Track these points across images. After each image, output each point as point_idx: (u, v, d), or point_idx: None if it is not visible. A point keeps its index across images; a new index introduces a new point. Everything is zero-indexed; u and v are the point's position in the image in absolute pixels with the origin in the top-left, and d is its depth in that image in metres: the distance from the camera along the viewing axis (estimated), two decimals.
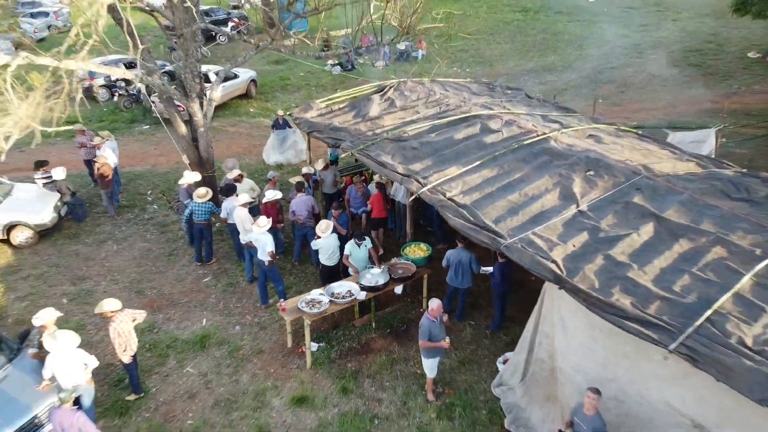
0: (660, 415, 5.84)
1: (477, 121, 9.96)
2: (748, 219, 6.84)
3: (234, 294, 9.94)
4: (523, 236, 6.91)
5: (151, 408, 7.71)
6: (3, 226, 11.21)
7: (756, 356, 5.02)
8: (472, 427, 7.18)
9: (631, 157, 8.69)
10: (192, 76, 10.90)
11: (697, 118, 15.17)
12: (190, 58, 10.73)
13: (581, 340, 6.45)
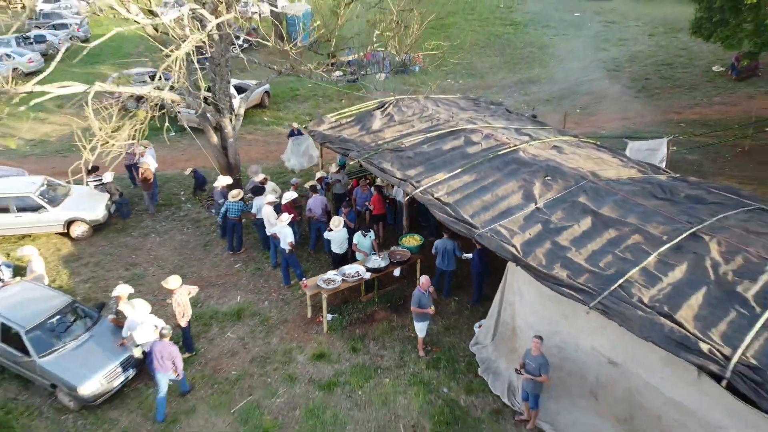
0: (588, 356, 7.95)
1: (461, 134, 12.06)
2: (663, 214, 8.95)
3: (261, 277, 12.05)
4: (492, 227, 9.01)
5: (202, 363, 9.82)
6: (64, 221, 13.33)
7: (647, 309, 7.12)
8: (454, 375, 9.29)
9: (584, 165, 10.79)
10: (224, 95, 12.99)
11: (661, 128, 17.26)
12: (224, 81, 12.82)
13: (533, 305, 8.56)
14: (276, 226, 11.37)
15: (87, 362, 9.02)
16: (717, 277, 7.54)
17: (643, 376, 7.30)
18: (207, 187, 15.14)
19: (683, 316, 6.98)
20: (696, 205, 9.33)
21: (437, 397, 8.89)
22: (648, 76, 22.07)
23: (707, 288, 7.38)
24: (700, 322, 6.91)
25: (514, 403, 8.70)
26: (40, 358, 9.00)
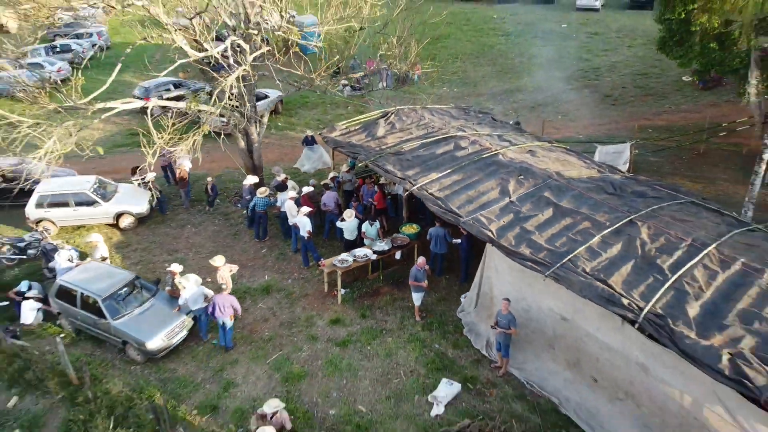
0: (546, 315, 10.24)
1: (452, 140, 14.36)
2: (609, 206, 11.24)
3: (284, 260, 14.34)
4: (474, 216, 11.30)
5: (241, 327, 12.10)
6: (114, 214, 15.63)
7: (588, 276, 9.40)
8: (443, 335, 11.59)
9: (552, 166, 13.09)
10: (252, 107, 15.28)
11: (631, 133, 19.50)
12: (252, 95, 15.11)
13: (505, 277, 10.85)
14: (296, 217, 13.68)
15: (151, 323, 11.33)
16: (643, 252, 9.83)
17: (586, 327, 9.60)
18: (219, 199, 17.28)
19: (614, 281, 9.26)
20: (638, 198, 11.62)
21: (430, 351, 11.19)
22: (624, 85, 24.37)
23: (635, 261, 9.66)
24: (626, 285, 9.19)
25: (491, 355, 11.00)
26: (114, 320, 11.31)
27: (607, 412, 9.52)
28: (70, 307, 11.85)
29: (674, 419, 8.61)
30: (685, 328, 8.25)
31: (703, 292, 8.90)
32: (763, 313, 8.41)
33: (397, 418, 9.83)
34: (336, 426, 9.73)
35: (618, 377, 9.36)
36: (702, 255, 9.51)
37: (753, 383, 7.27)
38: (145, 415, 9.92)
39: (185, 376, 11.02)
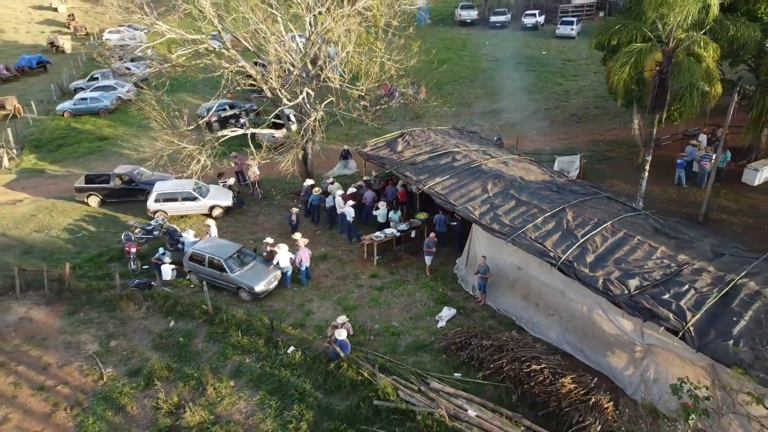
0: (509, 267, 16.44)
1: (450, 155, 20.56)
2: (551, 199, 17.44)
3: (333, 238, 20.55)
4: (464, 206, 17.49)
5: (312, 280, 18.30)
6: (208, 207, 21.82)
7: (532, 240, 15.59)
8: (445, 283, 17.79)
9: (518, 173, 19.29)
10: (309, 126, 21.45)
11: (587, 146, 25.68)
12: (308, 118, 21.25)
13: (484, 243, 17.06)
14: (344, 208, 19.89)
15: (255, 275, 17.54)
16: (567, 227, 16.01)
17: (531, 272, 15.79)
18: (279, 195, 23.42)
19: (547, 243, 15.42)
20: (571, 195, 17.82)
21: (436, 292, 17.41)
22: (587, 106, 30.57)
23: (561, 232, 15.84)
24: (554, 245, 15.34)
25: (474, 294, 17.21)
26: (232, 273, 17.51)
27: (544, 323, 15.71)
28: (199, 267, 18.07)
29: (579, 322, 14.79)
30: (583, 267, 14.44)
31: (598, 248, 15.10)
32: (628, 259, 14.59)
33: (417, 329, 16.06)
34: (379, 332, 15.97)
35: (550, 301, 15.55)
36: (601, 228, 15.71)
37: (612, 293, 13.47)
38: (260, 328, 16.15)
39: (279, 309, 17.24)
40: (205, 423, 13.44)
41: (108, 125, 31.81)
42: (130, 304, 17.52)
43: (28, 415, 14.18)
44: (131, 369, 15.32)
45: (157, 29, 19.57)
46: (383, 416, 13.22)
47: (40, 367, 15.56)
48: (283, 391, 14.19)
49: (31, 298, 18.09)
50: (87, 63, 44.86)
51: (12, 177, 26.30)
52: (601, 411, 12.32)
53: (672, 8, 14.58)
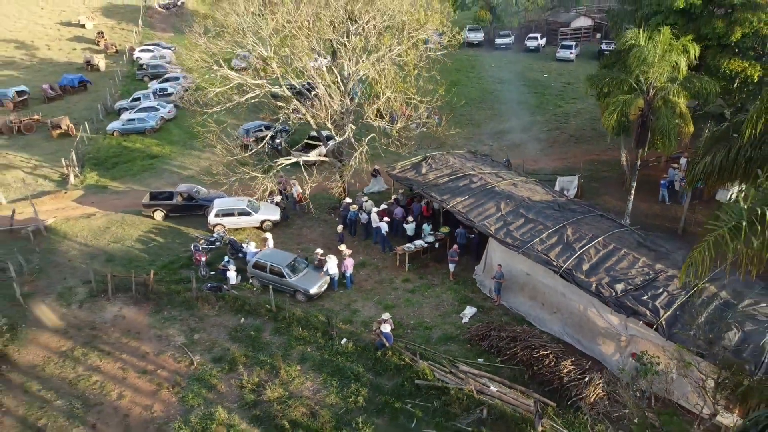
0: (519, 273, 20.11)
1: (468, 177, 24.22)
2: (554, 217, 21.12)
3: (369, 248, 24.19)
4: (482, 222, 21.17)
5: (353, 284, 21.96)
6: (260, 221, 25.48)
7: (539, 252, 19.25)
8: (466, 287, 21.46)
9: (525, 193, 22.96)
10: (347, 147, 25.08)
11: (584, 165, 29.32)
12: (346, 139, 24.86)
13: (498, 253, 20.73)
14: (379, 222, 23.55)
15: (309, 280, 21.19)
16: (567, 241, 19.67)
17: (538, 278, 19.45)
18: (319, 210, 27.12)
19: (551, 254, 19.08)
20: (570, 213, 21.49)
21: (459, 294, 21.07)
22: (584, 128, 34.25)
23: (562, 245, 19.50)
24: (557, 256, 19.00)
25: (491, 295, 20.87)
26: (290, 279, 21.17)
27: (548, 318, 19.36)
28: (261, 273, 21.70)
29: (576, 318, 18.43)
30: (580, 274, 18.09)
31: (592, 259, 18.75)
32: (616, 268, 18.24)
33: (445, 324, 19.72)
34: (415, 327, 19.63)
35: (553, 301, 19.19)
36: (594, 242, 19.38)
37: (603, 295, 17.14)
38: (317, 323, 19.80)
39: (330, 308, 20.89)
40: (282, 398, 17.09)
41: (155, 144, 35.40)
42: (205, 305, 21.17)
43: (138, 392, 17.82)
44: (215, 356, 18.96)
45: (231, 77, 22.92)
46: (423, 392, 16.89)
47: (140, 355, 19.21)
48: (341, 374, 17.83)
49: (121, 300, 21.73)
50: (123, 81, 48.38)
51: (80, 193, 29.90)
52: (594, 387, 15.99)
53: (651, 66, 18.28)
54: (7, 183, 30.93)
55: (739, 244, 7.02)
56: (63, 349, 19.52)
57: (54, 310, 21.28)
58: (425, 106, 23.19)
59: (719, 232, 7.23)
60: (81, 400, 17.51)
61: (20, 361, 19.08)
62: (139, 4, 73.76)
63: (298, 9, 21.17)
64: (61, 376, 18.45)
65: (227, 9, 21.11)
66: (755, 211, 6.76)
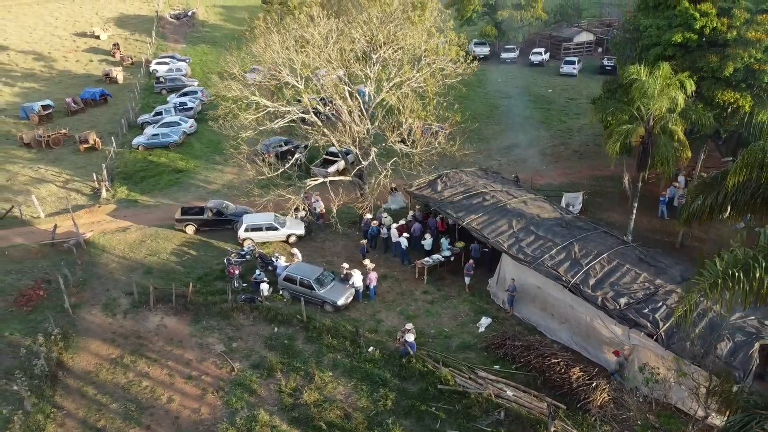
0: (530, 286, 21.93)
1: (481, 195, 26.04)
2: (562, 234, 22.95)
3: (389, 261, 25.99)
4: (495, 239, 23.00)
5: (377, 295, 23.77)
6: (286, 235, 27.29)
7: (548, 267, 21.06)
8: (481, 298, 23.28)
9: (535, 211, 24.78)
10: (368, 168, 26.86)
11: (587, 180, 31.16)
12: (367, 161, 26.65)
13: (511, 268, 22.56)
14: (398, 238, 25.37)
15: (337, 292, 23.00)
16: (574, 257, 21.49)
17: (548, 290, 21.27)
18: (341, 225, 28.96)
19: (560, 270, 20.90)
20: (576, 230, 23.31)
21: (474, 305, 22.89)
22: (588, 143, 36.08)
23: (570, 261, 21.31)
24: (565, 271, 20.82)
25: (505, 307, 22.69)
26: (319, 291, 22.97)
27: (558, 328, 21.17)
28: (291, 285, 23.51)
29: (584, 328, 20.23)
30: (587, 288, 19.91)
31: (597, 274, 20.56)
32: (620, 282, 20.06)
33: (463, 333, 21.54)
34: (435, 336, 21.45)
35: (562, 312, 21.01)
36: (600, 258, 21.19)
37: (608, 308, 18.96)
38: (345, 333, 21.59)
39: (356, 318, 22.70)
40: (318, 401, 18.90)
41: (180, 158, 37.19)
42: (241, 315, 22.99)
43: (186, 396, 19.63)
44: (253, 363, 20.77)
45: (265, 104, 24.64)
46: (445, 396, 18.71)
47: (184, 362, 21.03)
48: (370, 379, 19.64)
49: (162, 310, 23.54)
50: (142, 94, 50.15)
51: (113, 207, 31.70)
52: (600, 391, 17.81)
53: (651, 99, 20.12)
54: (43, 197, 32.68)
55: (717, 295, 8.81)
56: (113, 357, 21.33)
57: (101, 320, 23.10)
58: (443, 132, 24.96)
59: (701, 286, 9.02)
60: (134, 403, 19.33)
61: (75, 368, 20.89)
62: (150, 14, 75.58)
63: (326, 44, 22.91)
64: (114, 381, 20.27)
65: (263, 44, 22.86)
66: (728, 272, 8.56)
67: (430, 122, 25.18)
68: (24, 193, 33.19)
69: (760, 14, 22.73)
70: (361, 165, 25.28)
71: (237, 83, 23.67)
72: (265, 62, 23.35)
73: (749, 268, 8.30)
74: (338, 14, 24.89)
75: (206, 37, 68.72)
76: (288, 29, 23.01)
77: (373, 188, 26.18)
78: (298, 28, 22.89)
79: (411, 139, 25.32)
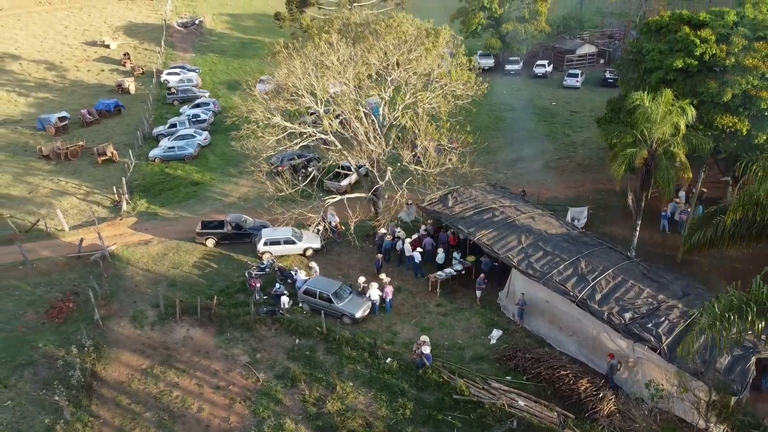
0: (539, 300, 23.11)
1: (490, 211, 27.22)
2: (569, 249, 24.12)
3: (402, 274, 27.14)
4: (505, 254, 24.17)
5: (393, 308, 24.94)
6: (303, 248, 28.45)
7: (557, 282, 22.23)
8: (492, 311, 24.46)
9: (542, 227, 25.96)
10: (378, 176, 28.00)
11: (591, 194, 32.35)
12: (383, 181, 27.83)
13: (521, 282, 23.73)
14: (412, 252, 26.54)
15: (354, 305, 24.17)
16: (581, 273, 22.66)
17: (556, 304, 22.44)
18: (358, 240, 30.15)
19: (568, 285, 22.06)
20: (582, 245, 24.48)
21: (485, 317, 24.06)
22: (591, 157, 37.26)
23: (577, 276, 22.48)
24: (572, 286, 21.98)
25: (515, 319, 23.86)
26: (338, 304, 24.13)
27: (566, 340, 22.34)
28: (311, 299, 24.68)
29: (591, 341, 21.39)
30: (594, 303, 21.08)
31: (603, 289, 21.72)
32: (624, 298, 21.21)
33: (475, 344, 22.71)
34: (449, 348, 22.61)
35: (570, 325, 22.17)
36: (605, 273, 22.36)
37: (613, 322, 20.13)
38: (363, 344, 22.75)
39: (373, 330, 23.85)
40: (340, 410, 20.06)
41: (195, 171, 38.34)
42: (263, 327, 24.15)
43: (215, 406, 20.79)
44: (277, 374, 21.93)
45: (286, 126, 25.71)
46: (461, 405, 19.88)
47: (212, 373, 22.18)
48: (389, 389, 20.81)
49: (187, 322, 24.69)
50: (155, 105, 51.22)
51: (134, 220, 32.84)
52: (607, 402, 18.98)
53: (654, 123, 21.32)
54: (64, 209, 33.77)
55: (715, 333, 10.00)
56: (143, 367, 22.49)
57: (130, 332, 24.25)
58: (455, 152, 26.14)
59: (701, 326, 10.22)
60: (167, 412, 20.49)
61: (108, 378, 22.05)
62: (157, 22, 76.65)
63: (345, 70, 24.06)
64: (146, 391, 21.43)
65: (286, 71, 24.01)
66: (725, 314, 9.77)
67: (443, 144, 26.33)
68: (46, 206, 34.33)
69: (756, 41, 23.92)
70: (378, 185, 26.41)
71: (260, 106, 24.75)
72: (287, 88, 24.50)
73: (743, 312, 9.47)
74: (356, 41, 25.96)
75: (214, 46, 69.81)
76: (309, 56, 24.14)
77: (390, 208, 27.34)
78: (319, 55, 24.02)
79: (426, 160, 26.43)
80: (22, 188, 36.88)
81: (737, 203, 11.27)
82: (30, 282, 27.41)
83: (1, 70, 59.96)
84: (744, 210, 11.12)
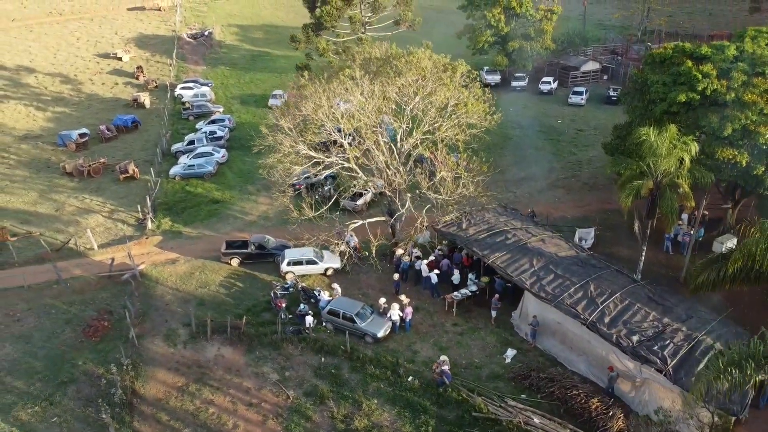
0: (551, 322, 24.57)
1: (503, 233, 28.68)
2: (578, 272, 25.59)
3: (419, 293, 28.57)
4: (518, 277, 25.63)
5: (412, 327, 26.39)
6: (325, 268, 29.90)
7: (568, 305, 23.69)
8: (505, 330, 25.91)
9: (553, 249, 27.42)
10: (399, 205, 29.45)
11: (597, 214, 33.82)
12: (404, 209, 29.27)
13: (533, 304, 25.19)
14: (429, 273, 28.00)
15: (376, 325, 25.62)
16: (590, 295, 24.12)
17: (567, 326, 23.90)
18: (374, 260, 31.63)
19: (578, 308, 23.53)
20: (591, 269, 25.94)
21: (500, 337, 25.52)
22: (597, 176, 38.72)
23: (586, 300, 23.94)
24: (582, 309, 23.44)
25: (528, 339, 25.32)
26: (360, 324, 25.59)
27: (576, 360, 23.80)
28: (335, 319, 26.13)
29: (600, 361, 22.84)
30: (603, 326, 22.53)
31: (612, 312, 23.19)
32: (632, 321, 22.68)
33: (491, 363, 24.17)
34: (467, 366, 24.06)
35: (580, 346, 23.62)
36: (614, 297, 23.82)
37: (622, 344, 21.60)
38: (386, 363, 24.20)
39: (394, 349, 25.30)
40: (367, 427, 21.51)
41: (215, 189, 39.74)
42: (290, 345, 25.59)
43: (249, 422, 22.23)
44: (306, 391, 23.37)
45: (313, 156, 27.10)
46: (479, 423, 21.35)
47: (244, 390, 23.62)
48: (411, 407, 22.27)
49: (218, 341, 26.12)
50: (170, 119, 52.57)
51: (159, 238, 34.27)
52: (616, 420, 20.45)
53: (659, 158, 22.83)
54: (91, 227, 35.17)
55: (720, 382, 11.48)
56: (179, 385, 23.92)
57: (164, 350, 25.68)
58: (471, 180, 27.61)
59: (708, 378, 11.72)
60: (205, 428, 21.94)
61: (147, 395, 23.48)
62: (167, 33, 77.99)
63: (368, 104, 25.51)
64: (183, 408, 22.86)
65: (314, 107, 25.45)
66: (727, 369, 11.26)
67: (459, 172, 27.80)
68: (73, 224, 35.76)
69: (755, 77, 25.40)
70: (400, 212, 27.83)
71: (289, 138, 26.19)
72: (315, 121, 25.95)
73: (742, 366, 10.97)
74: (377, 76, 27.40)
75: (225, 58, 71.18)
76: (334, 91, 25.59)
77: (408, 232, 28.82)
78: (344, 92, 25.48)
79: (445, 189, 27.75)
80: (48, 206, 38.29)
81: (738, 254, 12.74)
82: (65, 301, 28.84)
83: (19, 83, 61.35)
84: (744, 260, 12.57)
